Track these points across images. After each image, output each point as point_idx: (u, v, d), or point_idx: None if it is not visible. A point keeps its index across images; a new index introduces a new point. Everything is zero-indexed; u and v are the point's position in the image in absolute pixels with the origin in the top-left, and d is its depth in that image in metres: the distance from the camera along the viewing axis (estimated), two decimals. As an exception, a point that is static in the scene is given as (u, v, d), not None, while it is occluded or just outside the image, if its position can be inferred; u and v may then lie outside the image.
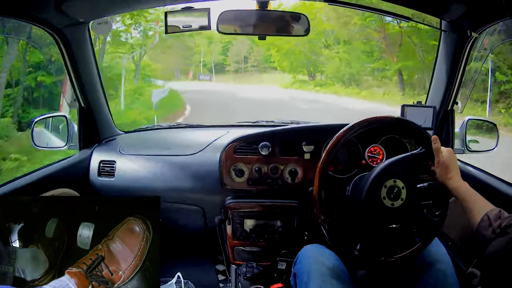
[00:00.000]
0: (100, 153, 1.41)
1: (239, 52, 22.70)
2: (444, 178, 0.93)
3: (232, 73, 22.89)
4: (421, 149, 0.98)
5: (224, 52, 23.91)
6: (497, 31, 1.26)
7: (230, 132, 1.45)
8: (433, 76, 1.42)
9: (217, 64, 23.34)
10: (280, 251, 1.29)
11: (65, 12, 1.18)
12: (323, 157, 1.00)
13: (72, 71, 1.33)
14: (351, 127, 1.00)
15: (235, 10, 1.16)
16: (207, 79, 21.66)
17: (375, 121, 1.01)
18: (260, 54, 22.34)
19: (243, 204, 1.26)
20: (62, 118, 1.43)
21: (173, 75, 21.54)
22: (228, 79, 21.22)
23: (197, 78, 21.48)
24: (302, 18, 1.18)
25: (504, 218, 0.79)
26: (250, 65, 22.84)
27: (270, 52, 20.00)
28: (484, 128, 1.49)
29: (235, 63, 23.27)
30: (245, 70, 23.00)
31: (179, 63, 21.11)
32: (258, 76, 21.18)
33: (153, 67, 14.86)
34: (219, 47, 23.58)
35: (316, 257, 0.99)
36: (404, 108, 1.35)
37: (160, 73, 19.71)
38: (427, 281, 0.96)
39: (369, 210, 0.95)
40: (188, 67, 22.69)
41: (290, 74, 17.95)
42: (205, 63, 23.72)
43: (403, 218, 0.96)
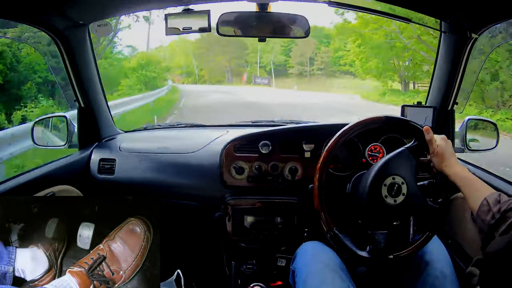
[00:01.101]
0: (100, 151, 1.42)
1: (304, 52, 19.85)
2: (441, 166, 0.93)
3: (295, 76, 20.04)
4: (414, 141, 0.98)
5: (287, 52, 20.82)
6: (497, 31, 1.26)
7: (230, 132, 1.45)
8: (433, 77, 1.42)
9: (278, 65, 20.36)
10: (280, 248, 1.29)
11: (65, 14, 1.18)
12: (324, 155, 1.01)
13: (72, 72, 1.34)
14: (350, 127, 1.01)
15: (235, 12, 1.16)
16: (265, 83, 18.45)
17: (367, 122, 1.01)
18: (328, 55, 19.55)
19: (243, 201, 1.26)
20: (62, 118, 1.43)
21: (223, 77, 19.44)
22: (290, 83, 17.94)
23: (253, 82, 18.76)
24: (302, 20, 1.19)
25: (504, 202, 0.79)
26: (317, 68, 20.01)
27: (340, 54, 17.18)
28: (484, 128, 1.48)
29: (298, 65, 20.43)
30: (310, 73, 20.07)
31: (231, 63, 18.38)
32: (326, 81, 17.97)
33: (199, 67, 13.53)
34: (279, 46, 20.29)
35: (314, 254, 0.99)
36: (404, 108, 1.36)
37: (208, 74, 17.71)
38: (426, 279, 0.96)
39: (373, 211, 0.95)
40: (242, 69, 20.11)
41: (367, 80, 14.12)
42: (263, 64, 20.79)
43: (407, 213, 0.96)
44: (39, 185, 1.15)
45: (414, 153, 0.97)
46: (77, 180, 1.32)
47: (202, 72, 24.21)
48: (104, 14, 1.29)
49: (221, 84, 16.43)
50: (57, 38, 1.25)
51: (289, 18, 1.19)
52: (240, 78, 19.50)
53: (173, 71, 23.96)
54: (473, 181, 0.88)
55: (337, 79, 17.31)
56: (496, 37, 1.35)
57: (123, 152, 1.40)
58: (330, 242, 0.99)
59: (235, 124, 1.67)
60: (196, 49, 21.03)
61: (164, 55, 24.27)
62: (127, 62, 16.09)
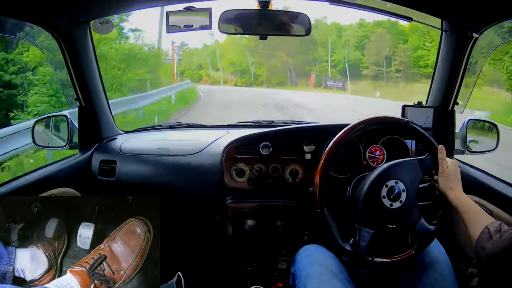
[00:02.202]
0: (101, 153, 1.42)
1: (380, 49, 15.88)
2: (445, 188, 0.93)
3: (370, 78, 16.28)
4: (427, 155, 0.99)
5: (360, 47, 16.46)
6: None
7: (230, 133, 1.45)
8: (434, 76, 1.42)
9: (350, 65, 16.00)
10: (281, 250, 1.29)
11: (66, 12, 1.18)
12: (324, 157, 1.00)
13: (73, 71, 1.33)
14: (357, 124, 1.00)
15: (236, 10, 1.16)
16: (338, 87, 14.30)
17: (384, 121, 1.01)
18: (407, 54, 15.53)
19: (243, 204, 1.26)
20: (63, 118, 1.43)
21: (285, 78, 15.16)
22: (365, 87, 13.96)
23: (323, 85, 14.41)
24: (304, 18, 1.18)
25: (504, 231, 0.79)
26: (394, 69, 15.88)
27: (420, 53, 14.06)
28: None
29: (373, 65, 16.44)
30: (388, 76, 16.11)
31: (295, 59, 13.94)
32: (406, 85, 14.19)
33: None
34: (352, 39, 15.40)
35: (315, 257, 0.99)
36: (405, 108, 1.35)
37: (266, 73, 13.61)
38: (425, 281, 0.96)
39: (367, 206, 0.95)
40: (308, 67, 15.76)
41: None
42: (335, 62, 16.21)
43: (399, 220, 0.96)
44: (40, 187, 1.16)
45: (423, 166, 0.98)
46: (78, 182, 1.32)
47: (259, 70, 19.91)
48: (105, 11, 1.28)
49: (282, 87, 12.81)
50: (58, 36, 1.25)
51: (290, 16, 1.19)
52: (307, 79, 15.19)
53: (225, 69, 20.99)
54: (475, 209, 0.89)
55: (418, 83, 13.74)
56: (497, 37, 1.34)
57: (124, 153, 1.40)
58: (324, 240, 0.99)
59: (235, 124, 1.67)
60: (250, 41, 16.40)
61: (214, 51, 21.42)
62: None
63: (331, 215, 0.97)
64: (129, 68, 9.10)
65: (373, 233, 0.94)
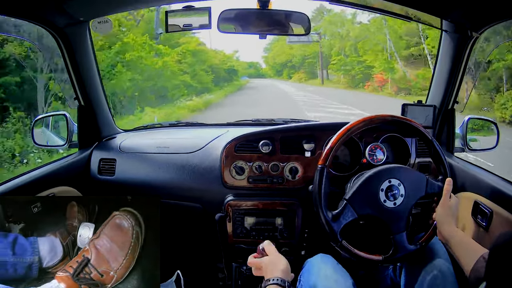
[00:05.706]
0: (100, 151, 1.41)
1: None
2: (442, 220, 0.95)
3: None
4: (437, 180, 1.01)
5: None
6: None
7: (230, 131, 1.45)
8: (434, 75, 1.42)
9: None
10: (280, 248, 1.29)
11: (65, 11, 1.17)
12: (324, 155, 1.01)
13: (72, 70, 1.33)
14: (363, 121, 1.01)
15: (235, 9, 1.16)
16: None
17: (398, 121, 1.02)
18: None
19: (243, 202, 1.26)
20: (62, 117, 1.43)
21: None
22: None
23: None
24: (303, 17, 1.18)
25: None
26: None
27: None
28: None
29: None
30: None
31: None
32: None
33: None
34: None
35: (322, 269, 0.97)
36: (404, 107, 1.35)
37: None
38: (425, 279, 0.96)
39: (363, 188, 0.97)
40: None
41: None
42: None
43: (384, 220, 0.97)
44: (40, 186, 1.15)
45: (429, 187, 0.99)
46: (78, 181, 1.32)
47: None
48: (105, 11, 1.28)
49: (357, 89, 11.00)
50: (57, 35, 1.24)
51: (290, 15, 1.19)
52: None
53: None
54: (467, 241, 0.90)
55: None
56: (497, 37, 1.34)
57: (123, 152, 1.40)
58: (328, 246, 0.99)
59: (235, 123, 1.67)
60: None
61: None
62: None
63: (347, 241, 0.97)
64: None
65: (356, 219, 0.96)
